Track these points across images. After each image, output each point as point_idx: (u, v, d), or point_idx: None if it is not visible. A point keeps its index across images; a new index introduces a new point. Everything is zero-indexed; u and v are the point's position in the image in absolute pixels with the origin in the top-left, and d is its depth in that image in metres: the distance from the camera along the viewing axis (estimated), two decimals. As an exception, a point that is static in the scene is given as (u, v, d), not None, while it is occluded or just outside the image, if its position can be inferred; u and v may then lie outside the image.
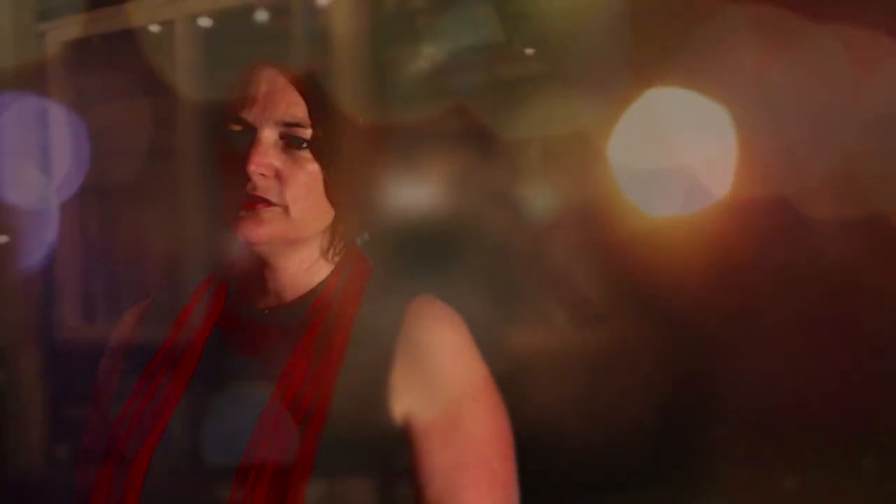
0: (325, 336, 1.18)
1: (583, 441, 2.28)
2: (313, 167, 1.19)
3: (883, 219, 1.86)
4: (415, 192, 3.00)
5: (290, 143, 1.18)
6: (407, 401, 1.15)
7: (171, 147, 3.52)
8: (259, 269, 1.22)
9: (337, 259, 1.24)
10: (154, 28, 3.82)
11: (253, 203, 1.17)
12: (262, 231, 1.17)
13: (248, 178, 1.16)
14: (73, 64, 3.82)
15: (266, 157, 1.16)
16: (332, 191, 1.20)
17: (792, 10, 1.86)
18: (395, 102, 3.24)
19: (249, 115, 1.18)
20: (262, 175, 1.16)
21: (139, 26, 3.84)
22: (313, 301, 1.21)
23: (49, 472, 3.50)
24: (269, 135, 1.18)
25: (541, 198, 2.75)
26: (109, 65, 3.71)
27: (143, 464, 1.16)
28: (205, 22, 3.64)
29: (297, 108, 1.18)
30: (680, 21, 2.07)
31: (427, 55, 3.22)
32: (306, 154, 1.18)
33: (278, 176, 1.17)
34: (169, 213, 3.48)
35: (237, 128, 1.19)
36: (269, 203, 1.17)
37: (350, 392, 1.15)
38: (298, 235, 1.20)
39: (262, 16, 3.52)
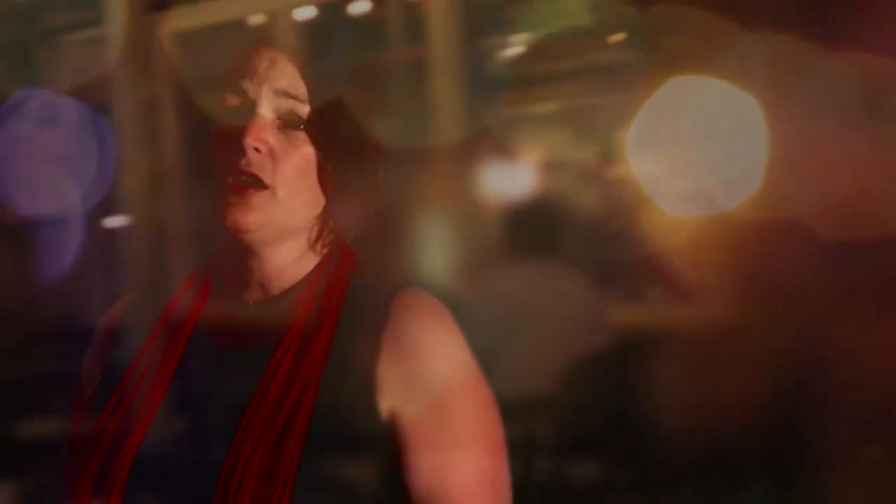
0: (311, 329, 1.14)
1: (681, 431, 2.29)
2: (308, 150, 1.15)
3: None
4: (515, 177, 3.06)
5: (287, 121, 1.15)
6: (392, 396, 1.11)
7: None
8: (245, 260, 1.19)
9: (325, 251, 1.20)
10: (256, 19, 3.96)
11: (243, 187, 1.13)
12: (250, 218, 1.13)
13: (242, 154, 1.13)
14: (181, 53, 3.96)
15: (263, 132, 1.13)
16: (325, 178, 1.16)
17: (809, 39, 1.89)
18: (487, 88, 3.31)
19: (249, 87, 1.15)
20: (257, 150, 1.13)
21: (242, 17, 3.99)
22: (299, 293, 1.18)
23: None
24: (267, 110, 1.14)
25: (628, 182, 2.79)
26: (215, 54, 3.84)
27: (127, 460, 1.13)
28: (304, 13, 3.75)
29: (297, 84, 1.15)
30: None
31: (518, 43, 3.29)
32: (303, 135, 1.15)
33: (272, 154, 1.14)
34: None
35: (235, 102, 1.16)
36: (259, 186, 1.13)
37: (336, 387, 1.12)
38: (287, 222, 1.16)
39: (358, 7, 3.66)
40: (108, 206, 3.81)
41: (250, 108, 1.14)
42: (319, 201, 1.18)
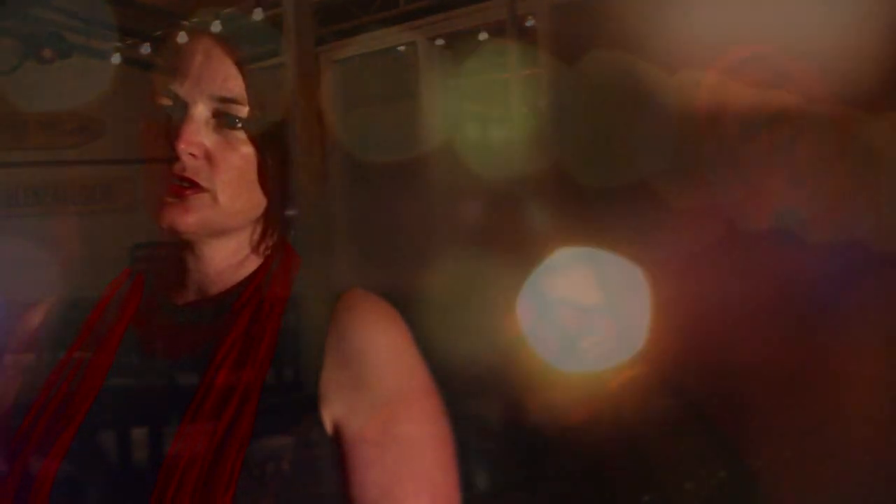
0: (252, 335, 1.05)
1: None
2: (247, 150, 1.05)
3: None
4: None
5: (223, 121, 1.04)
6: (337, 406, 1.02)
7: (417, 140, 4.45)
8: (182, 260, 1.09)
9: (267, 252, 1.10)
10: (401, 48, 4.78)
11: (181, 188, 1.03)
12: (188, 219, 1.03)
13: (177, 158, 1.03)
14: (340, 76, 4.84)
15: (197, 136, 1.03)
16: (266, 177, 1.06)
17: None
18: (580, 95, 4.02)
19: (181, 89, 1.04)
20: (192, 155, 1.03)
21: (389, 47, 4.81)
22: (238, 296, 1.07)
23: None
24: (201, 111, 1.04)
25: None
26: (370, 77, 4.68)
27: (49, 476, 1.02)
28: (440, 42, 4.55)
29: (233, 83, 1.04)
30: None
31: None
32: (241, 135, 1.04)
33: (209, 157, 1.04)
34: (419, 191, 4.36)
35: (167, 102, 1.05)
36: (197, 188, 1.03)
37: (278, 398, 1.03)
38: (227, 225, 1.06)
39: (483, 35, 4.42)
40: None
41: (183, 109, 1.04)
42: (261, 202, 1.08)
